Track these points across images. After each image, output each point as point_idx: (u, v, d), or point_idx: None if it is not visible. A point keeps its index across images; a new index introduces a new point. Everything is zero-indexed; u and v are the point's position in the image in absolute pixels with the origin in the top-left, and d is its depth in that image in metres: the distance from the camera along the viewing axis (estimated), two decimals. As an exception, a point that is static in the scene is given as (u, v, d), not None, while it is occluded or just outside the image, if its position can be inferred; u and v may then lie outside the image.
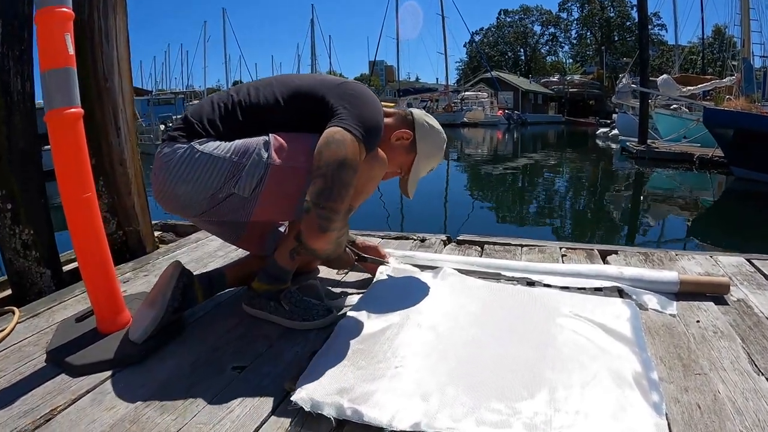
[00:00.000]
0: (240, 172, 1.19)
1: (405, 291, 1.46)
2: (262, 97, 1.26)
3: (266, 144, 1.20)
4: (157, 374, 1.07)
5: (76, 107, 1.17)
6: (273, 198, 1.22)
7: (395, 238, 2.13)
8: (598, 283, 1.51)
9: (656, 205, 7.76)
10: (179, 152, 1.20)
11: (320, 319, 1.28)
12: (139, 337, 1.14)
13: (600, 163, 14.41)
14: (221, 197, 1.21)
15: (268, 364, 1.11)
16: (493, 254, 1.89)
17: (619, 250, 1.87)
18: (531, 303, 1.38)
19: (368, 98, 1.25)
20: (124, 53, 2.05)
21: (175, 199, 1.24)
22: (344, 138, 1.11)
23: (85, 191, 1.18)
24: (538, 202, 8.29)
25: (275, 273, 1.33)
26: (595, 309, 1.32)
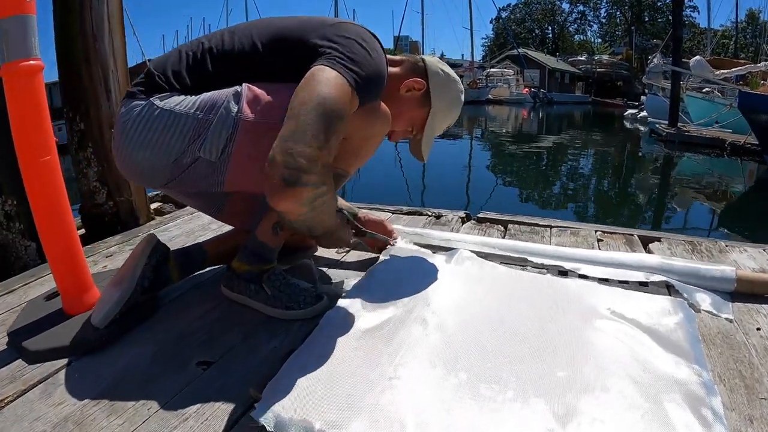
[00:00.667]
0: (206, 131, 1.00)
1: (411, 277, 1.26)
2: (237, 42, 1.07)
3: (237, 96, 1.01)
4: (115, 365, 0.93)
5: (34, 59, 1.03)
6: (246, 162, 1.02)
7: (407, 213, 1.95)
8: (642, 276, 1.29)
9: (688, 191, 7.44)
10: (136, 110, 1.03)
11: (307, 307, 1.10)
12: (101, 321, 1.00)
13: (628, 145, 13.97)
14: (186, 163, 1.03)
15: (238, 360, 0.95)
16: (518, 235, 1.67)
17: (663, 237, 1.64)
18: (564, 299, 1.15)
19: (367, 39, 1.04)
20: (116, 10, 1.91)
21: (135, 167, 1.07)
22: (328, 77, 0.91)
23: (44, 154, 1.04)
24: (564, 183, 8.02)
25: (257, 251, 1.15)
26: (641, 309, 1.10)
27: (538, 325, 1.03)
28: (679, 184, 7.91)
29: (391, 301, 1.13)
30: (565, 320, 1.05)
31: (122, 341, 1.01)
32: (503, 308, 1.11)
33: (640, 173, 9.10)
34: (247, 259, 1.15)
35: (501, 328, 1.02)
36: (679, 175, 9.00)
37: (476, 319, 1.06)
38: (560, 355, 0.92)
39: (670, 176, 8.81)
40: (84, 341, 0.99)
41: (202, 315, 1.13)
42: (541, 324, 1.04)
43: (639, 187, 7.78)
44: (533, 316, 1.07)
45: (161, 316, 1.12)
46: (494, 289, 1.20)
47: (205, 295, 1.23)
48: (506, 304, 1.13)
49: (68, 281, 1.11)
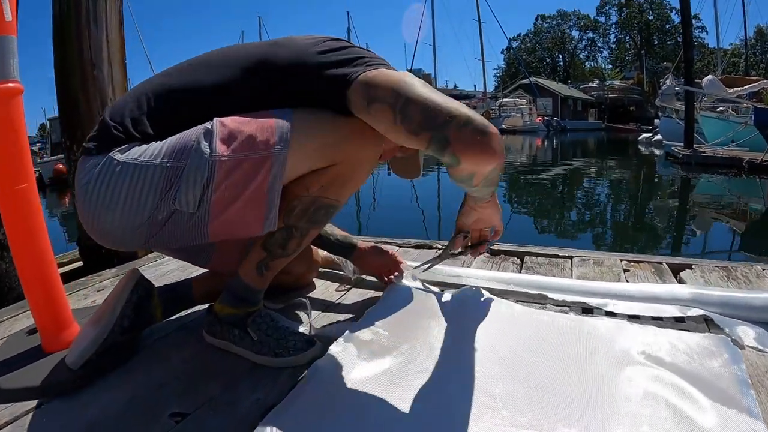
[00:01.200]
0: (178, 180, 0.87)
1: (415, 320, 1.13)
2: (211, 75, 0.95)
3: (208, 134, 0.88)
4: (85, 412, 0.83)
5: (13, 82, 0.97)
6: (230, 207, 0.89)
7: (415, 246, 1.83)
8: (678, 311, 1.14)
9: (709, 213, 7.22)
10: (95, 170, 0.89)
11: (298, 353, 0.98)
12: (74, 362, 0.91)
13: (643, 170, 13.77)
14: (162, 219, 0.90)
15: (216, 413, 0.83)
16: (536, 268, 1.54)
17: (694, 264, 1.50)
18: (590, 343, 1.00)
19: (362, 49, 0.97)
20: (116, 38, 1.89)
21: (105, 233, 0.94)
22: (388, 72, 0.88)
23: (20, 181, 0.97)
24: (581, 211, 7.84)
25: (240, 293, 1.03)
26: (681, 351, 0.95)
27: (562, 376, 0.88)
28: (700, 207, 7.70)
29: (390, 348, 1.00)
30: (592, 369, 0.90)
31: (96, 385, 0.92)
32: (520, 357, 0.96)
33: (658, 198, 8.90)
34: (230, 301, 1.03)
35: (517, 381, 0.87)
36: (699, 197, 8.78)
37: (489, 371, 0.91)
38: (588, 414, 0.77)
39: (690, 199, 8.59)
40: (55, 383, 0.90)
41: (183, 359, 1.02)
42: (565, 375, 0.89)
43: (659, 212, 7.59)
44: (555, 366, 0.92)
45: (140, 359, 1.02)
46: (510, 334, 1.06)
47: (190, 336, 1.12)
48: (523, 351, 0.98)
49: (45, 317, 1.03)
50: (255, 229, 0.93)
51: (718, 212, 7.13)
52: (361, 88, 0.87)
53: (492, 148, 0.81)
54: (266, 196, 0.88)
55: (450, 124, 0.80)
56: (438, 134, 0.81)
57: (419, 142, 0.84)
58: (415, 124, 0.82)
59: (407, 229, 5.37)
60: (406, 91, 0.83)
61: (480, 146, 0.81)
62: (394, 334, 1.05)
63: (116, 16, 1.89)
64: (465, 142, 0.81)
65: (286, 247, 1.00)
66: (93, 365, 0.93)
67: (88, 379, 0.92)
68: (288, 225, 0.97)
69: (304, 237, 1.00)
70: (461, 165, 0.85)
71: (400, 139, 0.87)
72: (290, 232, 0.98)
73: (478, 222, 1.18)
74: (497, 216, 1.18)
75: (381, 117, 0.86)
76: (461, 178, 0.92)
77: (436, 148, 0.83)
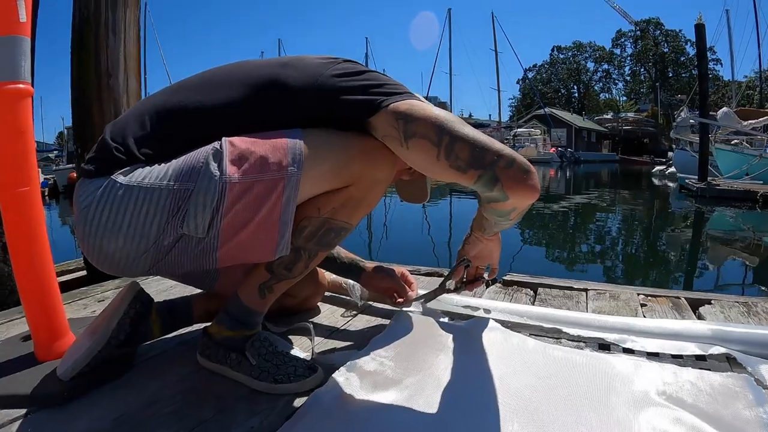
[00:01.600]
0: (185, 203, 0.84)
1: (422, 350, 1.07)
2: (217, 93, 0.91)
3: (217, 154, 0.84)
4: (70, 426, 0.79)
5: (23, 83, 0.97)
6: (242, 231, 0.86)
7: (425, 274, 1.77)
8: (698, 348, 1.08)
9: (724, 247, 7.09)
10: (96, 193, 0.85)
11: (299, 379, 0.92)
12: (65, 373, 0.88)
13: (657, 202, 13.64)
14: (168, 244, 0.86)
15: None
16: (549, 300, 1.48)
17: (713, 299, 1.45)
18: (607, 382, 0.93)
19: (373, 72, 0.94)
20: (133, 50, 1.90)
21: (107, 259, 0.88)
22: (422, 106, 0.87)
23: (22, 184, 0.95)
24: (594, 243, 7.72)
25: (239, 315, 0.98)
26: (703, 392, 0.89)
27: (575, 417, 0.82)
28: (714, 240, 7.57)
29: (396, 380, 0.94)
30: (609, 411, 0.84)
31: (86, 398, 0.88)
32: (533, 395, 0.89)
33: (672, 231, 8.78)
34: (228, 323, 0.98)
35: (530, 422, 0.81)
36: (713, 230, 8.65)
37: (500, 409, 0.85)
38: None
39: (704, 232, 8.46)
40: (44, 393, 0.86)
41: (178, 379, 0.97)
42: (578, 416, 0.82)
43: (673, 245, 7.47)
44: (571, 406, 0.85)
45: (134, 375, 0.98)
46: (523, 370, 1.00)
47: (188, 354, 1.06)
48: (537, 389, 0.92)
49: (40, 324, 1.00)
50: (267, 255, 0.90)
51: (733, 246, 7.00)
52: (393, 119, 0.86)
53: (534, 185, 0.86)
54: (279, 220, 0.85)
55: (498, 164, 0.83)
56: (488, 173, 0.84)
57: (465, 179, 0.85)
58: (462, 161, 0.84)
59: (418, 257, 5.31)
60: (450, 129, 0.84)
61: (526, 183, 0.85)
62: (400, 365, 1.00)
63: (135, 28, 1.91)
64: (514, 180, 0.84)
65: (292, 270, 0.96)
66: (84, 378, 0.89)
67: (78, 392, 0.88)
68: (296, 247, 0.92)
69: (311, 259, 0.96)
70: (508, 201, 0.87)
71: (441, 174, 0.87)
72: (298, 254, 0.94)
73: (479, 255, 1.16)
74: (497, 253, 1.17)
75: (420, 152, 0.86)
76: (502, 212, 0.94)
77: (485, 185, 0.85)
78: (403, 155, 0.89)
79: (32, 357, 1.00)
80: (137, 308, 0.98)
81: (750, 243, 7.14)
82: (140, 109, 0.93)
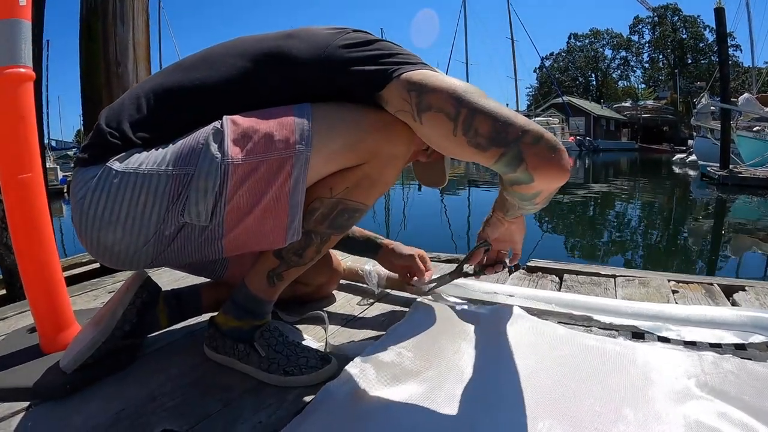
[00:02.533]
0: (186, 189, 0.78)
1: (443, 339, 1.01)
2: (218, 70, 0.84)
3: (218, 134, 0.78)
4: (72, 419, 0.76)
5: (24, 67, 0.94)
6: (248, 215, 0.80)
7: (445, 261, 1.71)
8: (738, 337, 1.01)
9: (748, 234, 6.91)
10: (91, 183, 0.79)
11: (311, 371, 0.87)
12: (68, 365, 0.84)
13: (678, 191, 13.38)
14: (170, 234, 0.81)
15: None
16: (576, 287, 1.41)
17: (747, 286, 1.37)
18: (644, 373, 0.86)
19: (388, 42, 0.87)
20: (142, 38, 1.87)
21: (107, 252, 0.83)
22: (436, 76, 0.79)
23: (24, 170, 0.92)
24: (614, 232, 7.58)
25: (247, 304, 0.92)
26: (746, 383, 0.82)
27: (610, 414, 0.75)
28: (737, 228, 7.39)
29: (415, 372, 0.88)
30: (648, 406, 0.77)
31: (89, 391, 0.84)
32: (565, 387, 0.83)
33: (696, 219, 8.59)
34: (235, 313, 0.93)
35: (563, 417, 0.74)
36: (736, 218, 8.45)
37: (528, 403, 0.78)
38: None
39: (727, 221, 8.27)
40: (46, 386, 0.84)
41: (183, 372, 0.92)
42: (617, 411, 0.76)
43: (695, 234, 7.30)
44: (607, 400, 0.79)
45: (138, 366, 0.94)
46: (552, 360, 0.93)
47: (196, 345, 1.02)
48: (569, 380, 0.85)
49: (44, 315, 0.97)
50: (277, 241, 0.83)
51: (757, 235, 6.83)
52: (405, 90, 0.78)
53: (564, 166, 0.77)
54: (288, 202, 0.80)
55: (523, 140, 0.74)
56: (511, 151, 0.75)
57: (485, 158, 0.77)
58: (482, 137, 0.75)
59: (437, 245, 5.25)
60: (468, 100, 0.75)
61: (554, 163, 0.76)
62: (419, 356, 0.94)
63: (143, 17, 1.88)
64: (540, 159, 0.75)
65: (302, 255, 0.90)
66: (88, 370, 0.86)
67: (80, 384, 0.85)
68: (307, 230, 0.86)
69: (324, 244, 0.90)
70: (534, 183, 0.78)
71: (457, 151, 0.79)
72: (309, 239, 0.87)
73: (500, 239, 1.08)
74: (520, 236, 1.09)
75: (435, 127, 0.78)
76: (527, 196, 0.85)
77: (507, 164, 0.76)
78: (418, 131, 0.82)
79: (36, 349, 0.97)
80: (143, 298, 0.94)
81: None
82: (136, 91, 0.87)
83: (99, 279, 1.58)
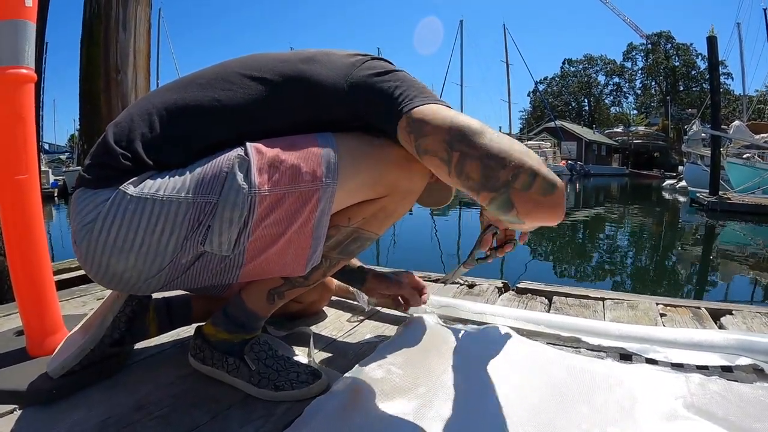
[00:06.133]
0: (208, 218, 0.75)
1: (432, 358, 1.01)
2: (236, 91, 0.82)
3: (243, 162, 0.76)
4: (57, 426, 0.75)
5: (26, 68, 0.94)
6: (270, 246, 0.79)
7: (436, 280, 1.71)
8: (724, 360, 1.03)
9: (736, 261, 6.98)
10: (104, 207, 0.76)
11: (302, 386, 0.86)
12: (55, 371, 0.84)
13: (668, 216, 13.51)
14: (186, 262, 0.78)
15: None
16: (565, 310, 1.42)
17: (734, 309, 1.39)
18: (632, 394, 0.87)
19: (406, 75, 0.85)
20: (143, 46, 1.88)
21: (116, 279, 0.80)
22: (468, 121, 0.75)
23: (20, 172, 0.92)
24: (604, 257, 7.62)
25: (240, 318, 0.91)
26: (734, 405, 0.83)
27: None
28: (727, 255, 7.46)
29: (404, 389, 0.88)
30: (634, 425, 0.78)
31: (74, 398, 0.83)
32: (552, 406, 0.83)
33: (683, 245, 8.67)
34: (226, 326, 0.91)
35: None
36: (724, 244, 8.54)
37: (516, 422, 0.78)
38: None
39: (716, 247, 8.35)
40: (32, 390, 0.82)
41: (171, 381, 0.91)
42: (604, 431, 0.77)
43: (683, 260, 7.37)
44: (593, 418, 0.79)
45: (126, 376, 0.93)
46: (540, 380, 0.93)
47: (183, 357, 0.99)
48: (556, 400, 0.86)
49: (32, 318, 0.96)
50: (296, 270, 0.83)
51: (746, 261, 6.90)
52: (406, 133, 0.78)
53: (556, 209, 0.72)
54: (312, 234, 0.79)
55: (513, 185, 0.71)
56: (501, 196, 0.72)
57: (479, 199, 0.75)
58: (473, 181, 0.73)
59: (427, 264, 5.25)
60: (460, 144, 0.73)
61: (545, 208, 0.72)
62: (408, 373, 0.94)
63: (145, 25, 1.89)
64: (531, 205, 0.72)
65: (309, 278, 0.90)
66: (75, 376, 0.85)
67: (66, 390, 0.84)
68: None
69: (331, 268, 0.91)
70: (525, 225, 0.78)
71: (459, 188, 0.79)
72: (319, 263, 0.86)
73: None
74: None
75: (434, 168, 0.78)
76: (521, 228, 0.86)
77: (498, 208, 0.74)
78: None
79: (23, 352, 0.96)
80: (134, 306, 0.92)
81: (763, 258, 7.03)
82: (145, 107, 0.83)
83: (88, 285, 1.57)
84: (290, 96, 0.82)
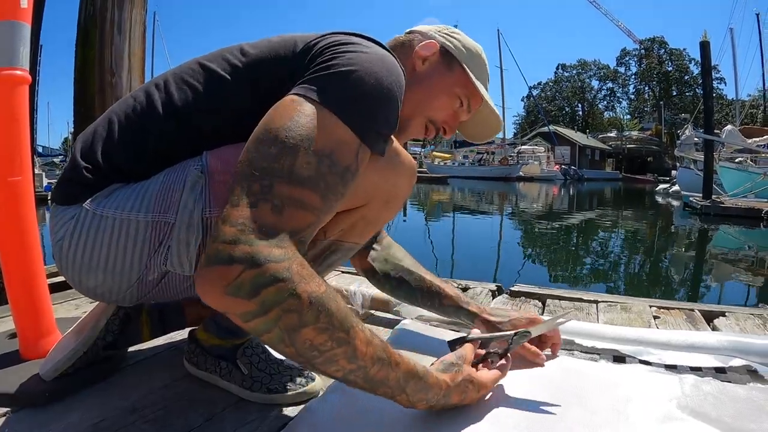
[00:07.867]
0: (167, 239, 0.72)
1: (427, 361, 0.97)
2: (192, 87, 0.76)
3: (198, 181, 0.72)
4: (50, 429, 0.75)
5: (20, 70, 0.94)
6: None
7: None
8: (718, 361, 1.03)
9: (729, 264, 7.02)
10: (69, 225, 0.75)
11: (295, 390, 0.86)
12: (47, 374, 0.83)
13: (661, 220, 13.58)
14: (153, 279, 0.76)
15: None
16: (559, 312, 1.43)
17: (728, 311, 1.40)
18: (625, 396, 0.86)
19: (366, 46, 0.72)
20: (138, 49, 1.88)
21: (91, 293, 0.80)
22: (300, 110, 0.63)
23: (14, 173, 0.92)
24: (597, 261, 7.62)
25: (230, 325, 0.87)
26: (729, 405, 0.83)
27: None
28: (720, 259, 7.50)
29: None
30: (628, 427, 0.77)
31: (67, 401, 0.83)
32: (545, 408, 0.83)
33: (677, 248, 8.71)
34: (216, 331, 0.90)
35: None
36: (717, 248, 8.58)
37: (508, 423, 0.78)
38: None
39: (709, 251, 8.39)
40: (25, 393, 0.82)
41: (165, 384, 0.91)
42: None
43: (677, 263, 7.40)
44: (587, 420, 0.79)
45: (119, 379, 0.92)
46: (533, 382, 0.92)
47: (176, 360, 1.00)
48: (549, 402, 0.85)
49: (25, 320, 0.96)
50: None
51: (738, 264, 6.95)
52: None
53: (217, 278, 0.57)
54: None
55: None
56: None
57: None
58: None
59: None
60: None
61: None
62: None
63: (140, 28, 1.89)
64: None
65: None
66: (67, 379, 0.84)
67: (59, 393, 0.83)
68: None
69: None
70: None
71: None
72: None
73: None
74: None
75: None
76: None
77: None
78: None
79: (16, 355, 0.96)
80: (127, 309, 0.92)
81: (755, 261, 7.08)
82: (108, 114, 0.80)
83: (81, 287, 1.56)
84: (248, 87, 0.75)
